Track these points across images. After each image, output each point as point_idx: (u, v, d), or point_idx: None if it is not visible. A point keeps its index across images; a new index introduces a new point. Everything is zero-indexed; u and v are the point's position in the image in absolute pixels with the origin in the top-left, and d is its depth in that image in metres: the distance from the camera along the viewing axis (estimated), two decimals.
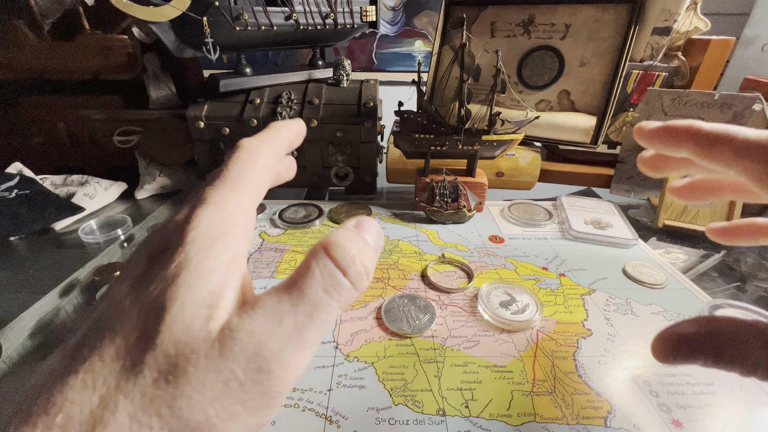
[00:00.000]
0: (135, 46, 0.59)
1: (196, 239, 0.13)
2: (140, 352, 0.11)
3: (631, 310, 0.37)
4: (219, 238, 0.13)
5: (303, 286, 0.13)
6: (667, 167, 0.23)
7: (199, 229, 0.13)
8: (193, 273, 0.12)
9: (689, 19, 0.56)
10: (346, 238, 0.14)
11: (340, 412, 0.27)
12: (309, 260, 0.13)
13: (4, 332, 0.34)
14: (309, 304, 0.12)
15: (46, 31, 0.59)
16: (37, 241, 0.50)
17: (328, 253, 0.13)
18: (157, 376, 0.11)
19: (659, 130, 0.20)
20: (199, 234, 0.13)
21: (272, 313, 0.12)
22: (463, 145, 0.51)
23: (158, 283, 0.12)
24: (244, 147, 0.16)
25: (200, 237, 0.13)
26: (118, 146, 0.63)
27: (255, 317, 0.12)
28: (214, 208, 0.14)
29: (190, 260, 0.12)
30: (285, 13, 0.53)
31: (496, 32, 0.63)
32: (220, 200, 0.14)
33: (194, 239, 0.13)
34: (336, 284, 0.13)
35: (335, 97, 0.58)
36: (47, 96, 0.62)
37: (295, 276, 0.13)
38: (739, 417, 0.27)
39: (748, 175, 0.17)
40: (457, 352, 0.32)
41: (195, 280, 0.12)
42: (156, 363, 0.11)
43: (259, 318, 0.12)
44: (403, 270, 0.43)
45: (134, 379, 0.11)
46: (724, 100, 0.51)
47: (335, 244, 0.13)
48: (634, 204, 0.60)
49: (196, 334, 0.11)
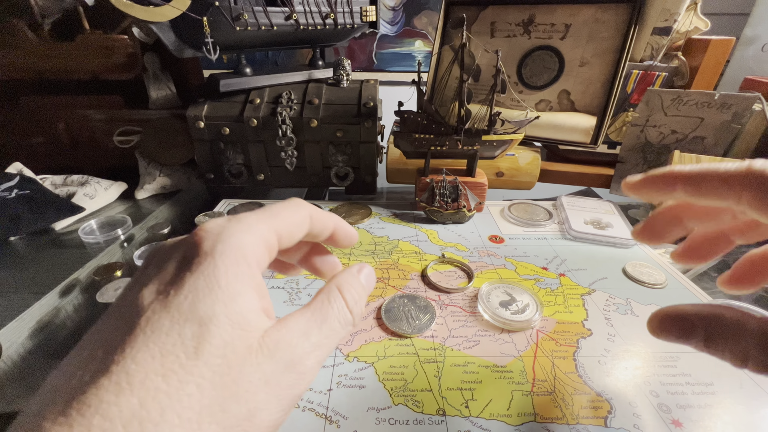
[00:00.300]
0: (135, 46, 0.59)
1: (225, 253, 0.14)
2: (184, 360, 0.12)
3: (631, 310, 0.37)
4: (244, 256, 0.15)
5: (325, 315, 0.17)
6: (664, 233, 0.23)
7: (227, 243, 0.15)
8: (225, 291, 0.14)
9: (689, 19, 0.56)
10: (354, 285, 0.18)
11: (340, 412, 0.27)
12: (328, 295, 0.17)
13: (4, 332, 0.34)
14: (327, 328, 0.16)
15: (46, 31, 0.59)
16: (37, 241, 0.50)
17: (342, 294, 0.18)
18: (201, 381, 0.12)
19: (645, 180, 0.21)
20: (227, 248, 0.15)
21: (303, 330, 0.16)
22: (463, 145, 0.51)
23: (189, 293, 0.13)
24: (294, 199, 0.19)
25: (227, 251, 0.14)
26: (118, 146, 0.63)
27: (291, 331, 0.15)
28: (245, 227, 0.16)
29: (220, 276, 0.14)
30: (285, 13, 0.53)
31: (496, 32, 0.63)
32: (251, 223, 0.16)
33: (223, 252, 0.14)
34: (345, 320, 0.17)
35: (335, 97, 0.58)
36: (47, 96, 0.62)
37: (318, 306, 0.17)
38: (739, 417, 0.27)
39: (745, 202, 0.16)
40: (457, 352, 0.32)
41: (228, 298, 0.14)
42: (200, 371, 0.12)
43: (294, 332, 0.15)
44: (403, 270, 0.43)
45: (178, 384, 0.12)
46: (724, 100, 0.51)
47: (347, 288, 0.18)
48: (634, 204, 0.60)
49: (237, 347, 0.13)
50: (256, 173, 0.60)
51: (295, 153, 0.58)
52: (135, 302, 0.14)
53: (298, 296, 0.38)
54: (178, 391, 0.12)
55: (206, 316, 0.13)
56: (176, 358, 0.12)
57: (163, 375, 0.12)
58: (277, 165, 0.59)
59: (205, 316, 0.13)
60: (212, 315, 0.13)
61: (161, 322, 0.13)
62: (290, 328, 0.15)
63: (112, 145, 0.63)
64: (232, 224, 0.16)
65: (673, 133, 0.55)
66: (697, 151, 0.53)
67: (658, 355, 0.32)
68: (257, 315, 0.15)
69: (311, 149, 0.58)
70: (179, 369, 0.12)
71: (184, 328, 0.13)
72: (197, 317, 0.13)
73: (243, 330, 0.14)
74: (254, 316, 0.14)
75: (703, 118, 0.53)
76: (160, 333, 0.12)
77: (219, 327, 0.13)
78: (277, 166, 0.59)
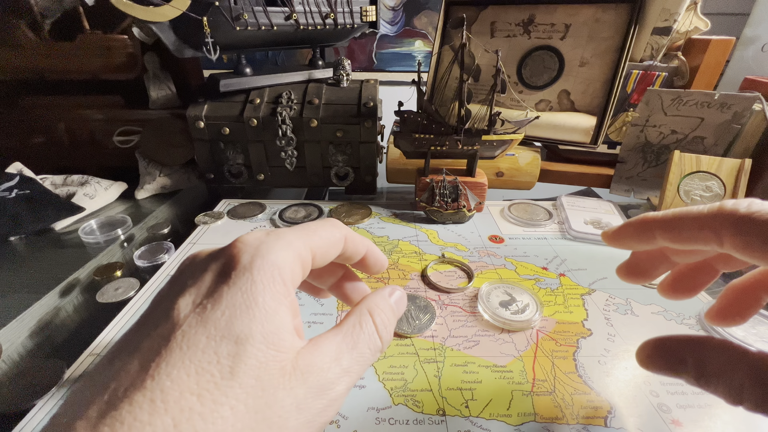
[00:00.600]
0: (135, 46, 0.59)
1: (263, 269, 0.14)
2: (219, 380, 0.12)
3: (631, 310, 0.37)
4: (281, 273, 0.15)
5: (356, 340, 0.16)
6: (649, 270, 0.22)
7: (265, 259, 0.15)
8: (262, 309, 0.14)
9: (689, 19, 0.56)
10: (384, 310, 0.18)
11: (340, 411, 0.27)
12: (359, 318, 0.17)
13: (4, 332, 0.34)
14: (357, 353, 0.16)
15: (46, 31, 0.59)
16: (37, 241, 0.50)
17: (373, 319, 0.17)
18: (236, 403, 0.12)
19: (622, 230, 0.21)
20: (265, 264, 0.14)
21: (335, 354, 0.15)
22: (463, 145, 0.51)
23: (227, 309, 0.13)
24: (331, 220, 0.19)
25: (265, 267, 0.14)
26: (118, 146, 0.63)
27: (324, 354, 0.15)
28: (283, 244, 0.16)
29: (257, 293, 0.14)
30: (285, 13, 0.53)
31: (496, 32, 0.63)
32: (289, 240, 0.16)
33: (261, 268, 0.14)
34: (374, 346, 0.17)
35: (335, 97, 0.58)
36: (47, 96, 0.62)
37: (350, 329, 0.17)
38: (739, 417, 0.27)
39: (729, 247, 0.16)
40: (457, 352, 0.32)
41: (265, 317, 0.14)
42: (235, 392, 0.12)
43: (326, 356, 0.15)
44: (403, 270, 0.43)
45: (213, 405, 0.12)
46: (724, 100, 0.51)
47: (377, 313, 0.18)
48: (634, 204, 0.60)
49: (272, 369, 0.13)
50: (256, 173, 0.60)
51: (295, 153, 0.58)
52: (170, 312, 0.13)
53: (298, 296, 0.38)
54: (213, 413, 0.12)
55: (243, 334, 0.13)
56: (211, 377, 0.12)
57: (198, 395, 0.12)
58: (277, 165, 0.59)
59: (242, 334, 0.13)
60: (249, 334, 0.13)
61: (198, 338, 0.12)
62: (322, 351, 0.15)
63: (112, 145, 0.63)
64: (270, 239, 0.15)
65: (673, 133, 0.55)
66: (697, 151, 0.53)
67: None
68: (291, 335, 0.14)
69: (311, 149, 0.58)
70: (214, 389, 0.12)
71: (221, 346, 0.12)
72: (234, 335, 0.13)
73: (277, 351, 0.13)
74: (288, 335, 0.14)
75: (703, 118, 0.53)
76: (197, 349, 0.12)
77: (254, 346, 0.13)
78: (277, 166, 0.59)
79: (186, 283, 0.14)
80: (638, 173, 0.58)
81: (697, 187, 0.50)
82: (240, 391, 0.12)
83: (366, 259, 0.21)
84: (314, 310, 0.37)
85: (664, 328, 0.35)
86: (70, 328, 0.36)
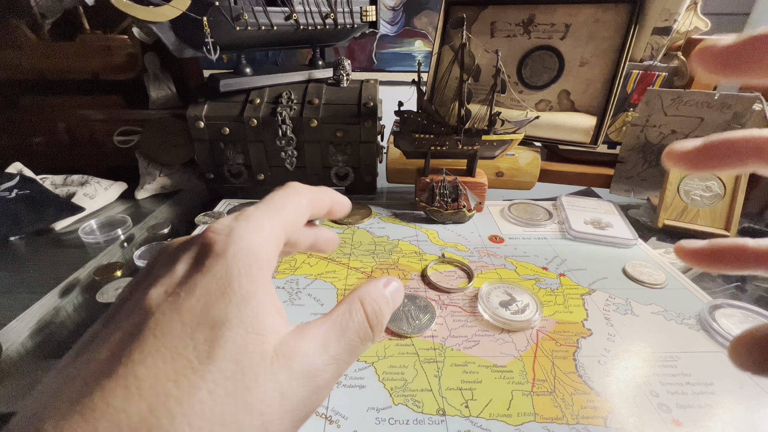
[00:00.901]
0: (135, 46, 0.59)
1: (237, 255, 0.14)
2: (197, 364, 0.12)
3: (631, 310, 0.37)
4: (256, 257, 0.14)
5: (345, 327, 0.16)
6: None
7: (239, 245, 0.14)
8: (238, 294, 0.13)
9: (689, 19, 0.56)
10: (376, 299, 0.17)
11: (340, 411, 0.27)
12: (349, 306, 0.16)
13: (4, 332, 0.34)
14: (346, 341, 0.15)
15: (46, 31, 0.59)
16: (37, 241, 0.50)
17: (363, 307, 0.17)
18: (214, 387, 0.12)
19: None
20: (239, 250, 0.14)
21: (322, 341, 0.15)
22: (463, 145, 0.51)
23: (201, 296, 0.13)
24: (293, 186, 0.18)
25: (240, 253, 0.14)
26: (118, 146, 0.63)
27: (309, 341, 0.14)
28: (255, 227, 0.15)
29: (233, 278, 0.13)
30: (285, 13, 0.53)
31: (496, 32, 0.63)
32: (261, 222, 0.16)
33: (235, 254, 0.14)
34: (365, 335, 0.16)
35: (335, 97, 0.58)
36: (47, 96, 0.62)
37: (338, 317, 0.16)
38: (739, 417, 0.27)
39: None
40: (457, 352, 0.32)
41: (242, 301, 0.13)
42: (213, 376, 0.12)
43: (312, 342, 0.14)
44: (403, 270, 0.43)
45: (190, 390, 0.11)
46: (724, 100, 0.51)
47: (369, 302, 0.17)
48: (634, 204, 0.60)
49: (252, 353, 0.13)
50: (256, 173, 0.60)
51: (295, 153, 0.57)
52: (142, 303, 0.13)
53: (298, 296, 0.38)
54: (190, 397, 0.11)
55: (219, 319, 0.13)
56: (188, 362, 0.12)
57: (175, 380, 0.11)
58: (277, 165, 0.59)
59: (218, 319, 0.13)
60: (225, 318, 0.13)
61: (172, 325, 0.12)
62: (308, 337, 0.15)
63: (112, 145, 0.63)
64: (241, 224, 0.15)
65: (673, 133, 0.55)
66: None
67: (658, 355, 0.32)
68: (272, 318, 0.14)
69: (311, 149, 0.58)
70: (191, 374, 0.12)
71: (197, 332, 0.12)
72: (210, 321, 0.12)
73: (258, 334, 0.13)
74: (269, 319, 0.14)
75: (703, 118, 0.53)
76: (171, 336, 0.12)
77: (232, 331, 0.13)
78: (277, 166, 0.59)
79: (158, 274, 0.14)
80: (638, 173, 0.58)
81: (697, 187, 0.50)
82: (218, 375, 0.12)
83: (331, 210, 0.20)
84: (314, 310, 0.37)
85: (664, 328, 0.35)
86: (70, 328, 0.36)
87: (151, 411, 0.11)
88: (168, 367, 0.11)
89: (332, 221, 0.53)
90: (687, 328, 0.35)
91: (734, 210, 0.49)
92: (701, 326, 0.35)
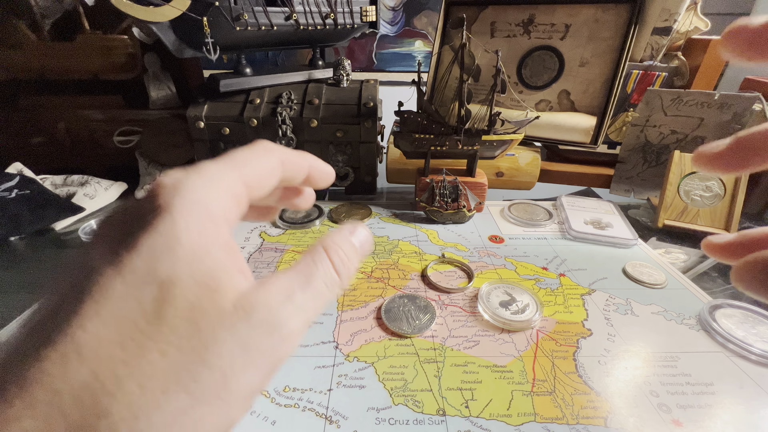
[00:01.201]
0: (135, 46, 0.59)
1: (185, 209, 0.13)
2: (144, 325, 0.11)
3: (631, 310, 0.37)
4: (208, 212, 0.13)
5: (310, 277, 0.15)
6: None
7: (186, 198, 0.13)
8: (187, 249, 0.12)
9: (689, 19, 0.56)
10: (342, 247, 0.16)
11: (340, 412, 0.27)
12: (313, 256, 0.16)
13: (4, 332, 0.34)
14: (311, 289, 0.15)
15: (46, 31, 0.59)
16: (37, 241, 0.50)
17: (329, 256, 0.16)
18: (166, 347, 0.11)
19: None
20: (187, 203, 0.13)
21: (285, 291, 0.14)
22: (463, 145, 0.51)
23: (145, 254, 0.12)
24: (262, 143, 0.17)
25: (187, 207, 0.13)
26: (118, 146, 0.63)
27: (271, 293, 0.14)
28: (207, 180, 0.14)
29: (180, 234, 0.12)
30: (285, 13, 0.53)
31: (496, 32, 0.63)
32: (216, 175, 0.14)
33: (182, 208, 0.13)
34: (332, 282, 0.16)
35: (335, 97, 0.58)
36: (47, 96, 0.62)
37: (302, 267, 0.15)
38: (739, 417, 0.27)
39: None
40: (457, 352, 0.32)
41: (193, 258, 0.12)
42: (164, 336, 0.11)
43: (274, 293, 0.14)
44: (403, 270, 0.43)
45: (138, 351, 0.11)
46: (724, 100, 0.51)
47: (334, 249, 0.16)
48: (634, 204, 0.60)
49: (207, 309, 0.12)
50: None
51: None
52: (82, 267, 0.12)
53: None
54: (138, 358, 0.11)
55: (167, 277, 0.12)
56: (135, 324, 0.11)
57: (120, 342, 0.11)
58: None
59: (166, 277, 0.12)
60: (174, 276, 0.12)
61: (114, 287, 0.11)
62: (269, 289, 0.14)
63: (112, 145, 0.63)
64: (191, 178, 0.14)
65: (673, 133, 0.55)
66: None
67: (658, 355, 0.32)
68: (229, 275, 0.13)
69: (311, 149, 0.58)
70: (138, 335, 0.11)
71: (142, 292, 0.11)
72: (156, 279, 0.12)
73: (213, 291, 0.12)
74: (225, 275, 0.13)
75: (703, 118, 0.53)
76: (114, 299, 0.11)
77: (183, 288, 0.12)
78: None
79: (100, 234, 0.13)
80: (638, 173, 0.58)
81: (697, 187, 0.50)
82: (170, 335, 0.11)
83: (311, 176, 0.19)
84: None
85: (664, 328, 0.35)
86: None
87: (95, 375, 0.10)
88: (110, 330, 0.11)
89: (332, 221, 0.53)
90: (687, 328, 0.35)
91: (734, 210, 0.49)
92: (701, 326, 0.35)
